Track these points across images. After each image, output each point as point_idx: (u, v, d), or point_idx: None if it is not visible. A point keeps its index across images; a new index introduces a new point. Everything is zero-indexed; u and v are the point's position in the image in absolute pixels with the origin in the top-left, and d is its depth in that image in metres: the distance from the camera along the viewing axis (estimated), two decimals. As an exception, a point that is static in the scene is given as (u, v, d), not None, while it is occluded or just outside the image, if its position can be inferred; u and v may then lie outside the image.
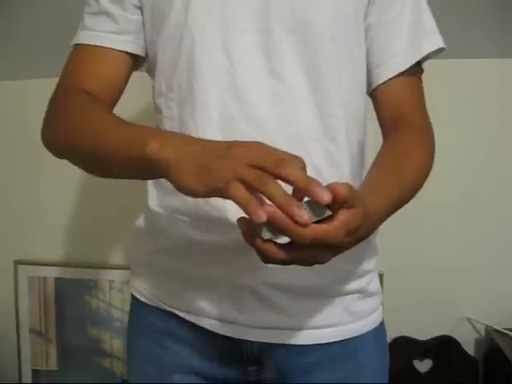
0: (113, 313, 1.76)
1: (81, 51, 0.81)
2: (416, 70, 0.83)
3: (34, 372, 1.82)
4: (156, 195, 0.83)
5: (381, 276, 1.56)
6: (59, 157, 0.79)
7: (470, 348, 1.65)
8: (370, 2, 0.80)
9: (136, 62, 0.84)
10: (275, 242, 0.56)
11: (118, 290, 1.75)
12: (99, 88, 0.79)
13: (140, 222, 0.88)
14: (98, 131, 0.69)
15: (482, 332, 1.64)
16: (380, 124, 0.85)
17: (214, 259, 0.78)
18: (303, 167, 0.56)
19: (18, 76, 1.72)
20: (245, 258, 0.76)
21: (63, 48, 0.85)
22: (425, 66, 0.86)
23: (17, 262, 1.79)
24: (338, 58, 0.77)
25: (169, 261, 0.82)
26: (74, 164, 0.77)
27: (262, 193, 0.54)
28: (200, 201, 0.76)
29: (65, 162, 0.81)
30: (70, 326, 1.79)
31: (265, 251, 0.55)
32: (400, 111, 0.82)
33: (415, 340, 1.66)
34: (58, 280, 1.78)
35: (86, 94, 0.78)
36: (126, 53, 0.81)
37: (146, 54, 0.83)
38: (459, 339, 1.63)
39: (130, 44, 0.81)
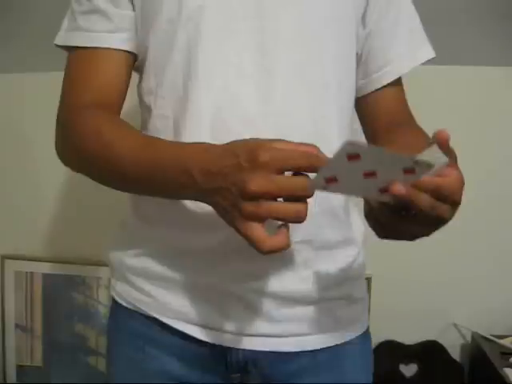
0: (100, 310, 1.76)
1: (80, 55, 0.78)
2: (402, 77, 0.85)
3: (19, 368, 1.81)
4: (135, 201, 0.83)
5: (369, 279, 1.56)
6: (77, 172, 0.79)
7: (455, 354, 1.66)
8: (367, 10, 0.81)
9: (134, 59, 0.81)
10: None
11: (106, 286, 1.74)
12: (104, 94, 0.77)
13: (121, 224, 0.87)
14: (121, 163, 0.69)
15: (469, 338, 1.65)
16: (370, 129, 0.86)
17: (198, 264, 0.77)
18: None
19: (5, 70, 1.70)
20: (231, 263, 0.75)
21: (48, 44, 0.82)
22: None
23: (4, 257, 1.79)
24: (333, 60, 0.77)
25: (151, 265, 0.80)
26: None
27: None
28: (183, 203, 0.75)
29: (53, 159, 0.80)
30: (57, 322, 1.79)
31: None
32: (395, 117, 0.84)
33: (401, 344, 1.66)
34: (45, 276, 1.77)
35: (94, 109, 0.75)
36: (125, 51, 0.79)
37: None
38: (445, 344, 1.64)
39: (128, 42, 0.79)
